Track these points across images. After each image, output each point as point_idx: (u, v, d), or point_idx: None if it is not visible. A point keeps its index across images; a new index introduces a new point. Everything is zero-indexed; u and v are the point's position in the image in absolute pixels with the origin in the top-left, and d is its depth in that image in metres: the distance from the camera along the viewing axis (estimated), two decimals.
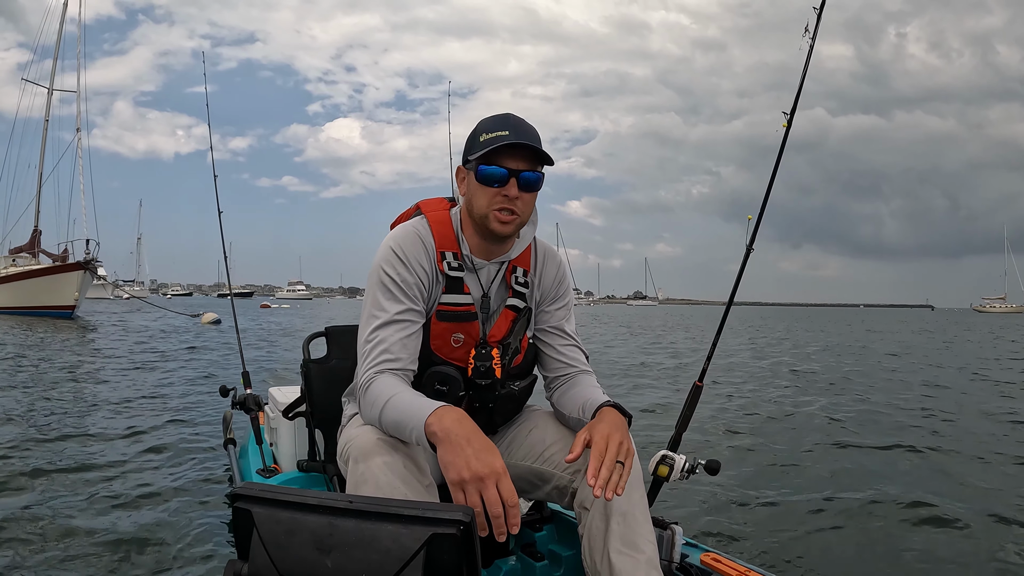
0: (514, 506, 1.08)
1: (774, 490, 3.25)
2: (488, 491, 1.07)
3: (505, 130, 1.32)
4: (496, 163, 1.32)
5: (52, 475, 3.23)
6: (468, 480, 1.08)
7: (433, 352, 1.40)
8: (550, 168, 1.37)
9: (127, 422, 4.62)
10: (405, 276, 1.35)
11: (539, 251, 1.51)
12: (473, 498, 1.07)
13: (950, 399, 6.40)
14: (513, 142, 1.30)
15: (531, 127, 1.35)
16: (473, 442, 1.11)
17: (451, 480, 1.09)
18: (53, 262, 23.72)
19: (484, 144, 1.32)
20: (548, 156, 1.34)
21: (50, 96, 26.08)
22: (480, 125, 1.37)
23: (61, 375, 7.24)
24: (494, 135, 1.32)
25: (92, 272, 21.42)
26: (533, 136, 1.33)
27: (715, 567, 1.49)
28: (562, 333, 1.51)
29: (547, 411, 1.53)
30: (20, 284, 22.29)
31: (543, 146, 1.34)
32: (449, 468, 1.10)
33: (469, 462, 1.08)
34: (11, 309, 22.27)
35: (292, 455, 2.07)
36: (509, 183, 1.32)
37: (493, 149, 1.30)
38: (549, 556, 1.67)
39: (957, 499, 3.11)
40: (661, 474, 1.64)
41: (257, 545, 0.95)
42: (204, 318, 19.32)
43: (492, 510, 1.07)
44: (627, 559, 1.25)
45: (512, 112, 1.39)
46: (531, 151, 1.32)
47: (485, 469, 1.08)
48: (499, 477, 1.08)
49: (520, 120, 1.36)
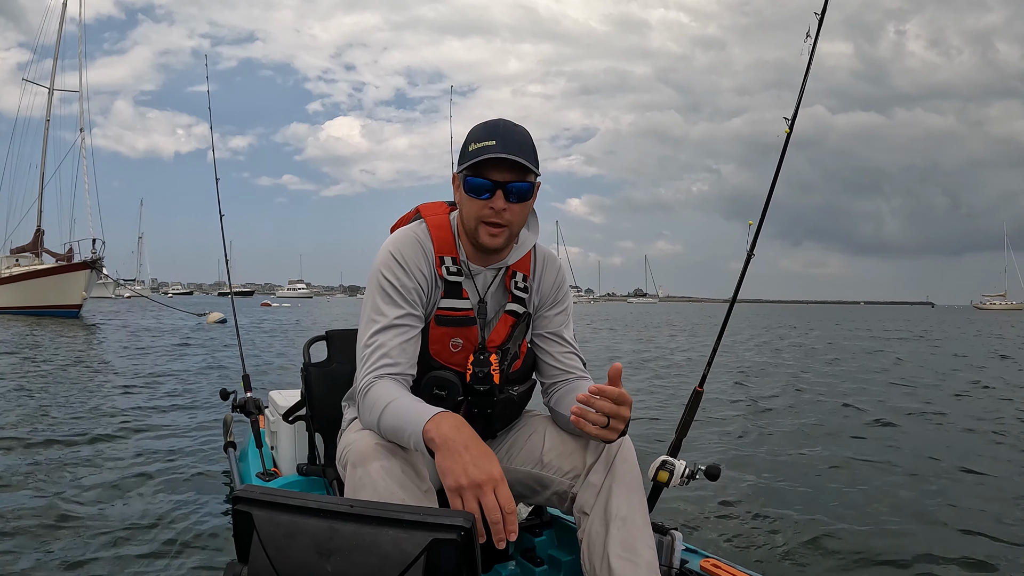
0: (511, 513, 1.08)
1: (774, 496, 3.24)
2: (486, 498, 1.07)
3: (492, 139, 1.28)
4: (482, 175, 1.30)
5: (51, 475, 3.23)
6: (466, 487, 1.08)
7: (432, 357, 1.40)
8: (550, 166, 1.37)
9: (127, 422, 4.62)
10: (404, 281, 1.35)
11: (539, 256, 1.51)
12: (471, 504, 1.07)
13: (949, 398, 6.40)
14: (497, 155, 1.27)
15: (521, 135, 1.32)
16: (471, 449, 1.11)
17: (448, 487, 1.09)
18: (56, 261, 23.80)
19: (472, 154, 1.30)
20: (535, 166, 1.31)
21: (51, 96, 26.19)
22: (471, 132, 1.35)
23: (61, 375, 7.24)
24: (481, 145, 1.28)
25: (98, 271, 21.53)
26: (522, 144, 1.30)
27: (715, 573, 1.49)
28: (560, 339, 1.50)
29: (546, 416, 1.53)
30: (26, 284, 22.38)
31: (539, 147, 1.33)
32: (447, 475, 1.09)
33: (467, 469, 1.08)
34: (17, 308, 22.35)
35: (292, 459, 2.07)
36: (496, 195, 1.30)
37: (481, 160, 1.28)
38: (549, 561, 1.67)
39: (958, 499, 3.10)
40: (661, 480, 1.64)
41: (257, 548, 0.95)
42: (210, 317, 19.42)
43: (490, 516, 1.07)
44: (627, 564, 1.25)
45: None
46: (518, 161, 1.29)
47: (483, 476, 1.08)
48: (497, 484, 1.08)
49: (511, 127, 1.32)
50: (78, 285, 21.13)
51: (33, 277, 22.37)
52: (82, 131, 24.58)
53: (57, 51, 26.23)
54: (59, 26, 26.27)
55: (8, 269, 24.02)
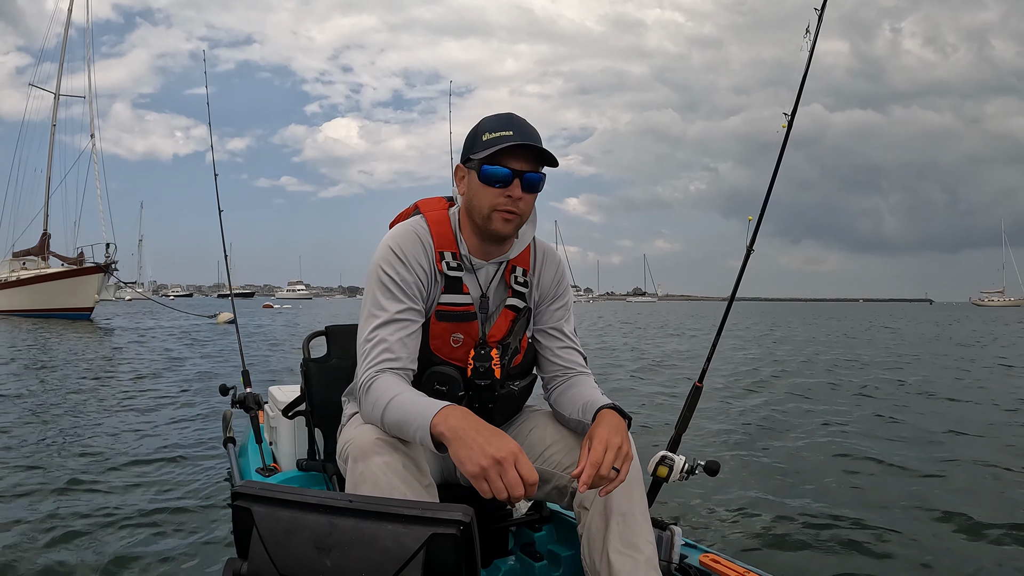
0: (534, 484, 1.08)
1: (773, 491, 3.24)
2: (508, 474, 1.07)
3: (509, 130, 1.31)
4: (500, 163, 1.31)
5: (50, 474, 3.24)
6: (488, 467, 1.07)
7: (432, 352, 1.40)
8: (547, 166, 1.37)
9: (128, 421, 4.62)
10: (404, 275, 1.35)
11: (538, 251, 1.51)
12: (497, 484, 1.07)
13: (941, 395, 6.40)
14: (518, 143, 1.30)
15: (533, 128, 1.35)
16: (482, 431, 1.11)
17: (471, 473, 1.08)
18: (63, 264, 24.00)
19: (488, 143, 1.32)
20: (553, 157, 1.34)
21: (57, 101, 26.23)
22: (482, 124, 1.37)
23: (65, 373, 7.24)
24: (498, 135, 1.31)
25: (110, 275, 21.73)
26: (536, 137, 1.33)
27: (714, 568, 1.49)
28: (560, 334, 1.50)
29: (547, 411, 1.53)
30: (38, 287, 22.59)
31: (544, 146, 1.34)
32: (466, 462, 1.09)
33: (485, 448, 1.08)
34: (28, 311, 22.50)
35: (292, 454, 2.07)
36: (513, 184, 1.32)
37: (497, 149, 1.30)
38: (548, 556, 1.67)
39: (960, 500, 3.11)
40: (660, 475, 1.64)
41: (256, 544, 0.95)
42: (220, 318, 19.70)
43: (514, 492, 1.07)
44: (626, 559, 1.25)
45: (512, 110, 1.39)
46: (534, 152, 1.32)
47: (503, 452, 1.08)
48: (516, 457, 1.09)
49: (523, 120, 1.35)
50: (91, 288, 21.38)
51: (45, 280, 22.62)
52: (93, 137, 24.77)
53: (63, 56, 26.29)
54: (64, 30, 26.28)
55: (15, 272, 24.14)
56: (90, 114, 24.98)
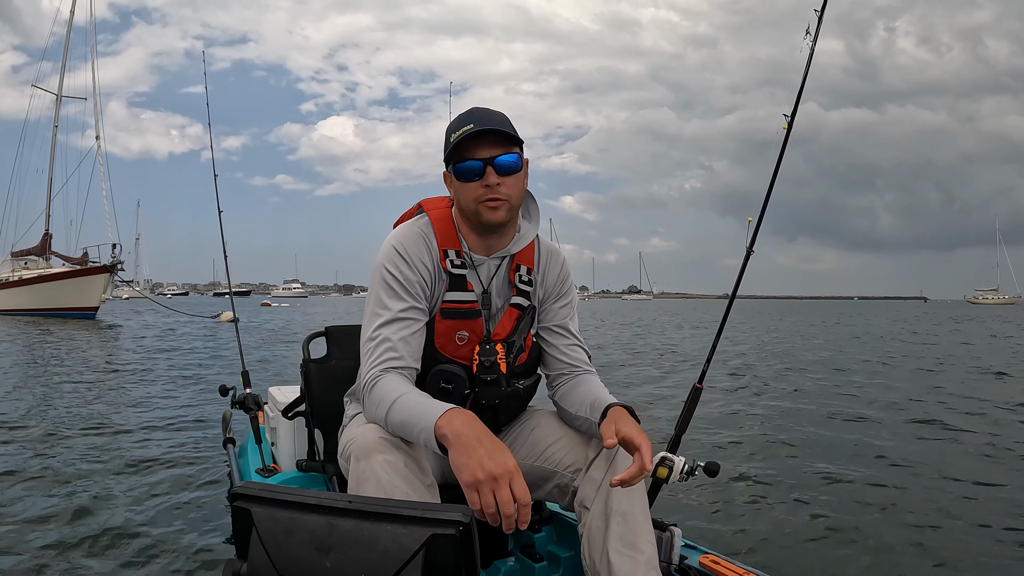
0: (527, 505, 1.08)
1: (774, 492, 3.24)
2: (502, 491, 1.07)
3: (470, 123, 1.34)
4: (468, 157, 1.33)
5: (50, 473, 3.23)
6: (483, 481, 1.07)
7: (438, 351, 1.40)
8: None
9: (128, 420, 4.62)
10: (408, 274, 1.35)
11: (542, 249, 1.52)
12: (487, 499, 1.07)
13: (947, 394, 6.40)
14: (478, 130, 1.31)
15: (497, 114, 1.37)
16: (484, 443, 1.11)
17: (465, 482, 1.08)
18: (64, 264, 24.01)
19: (454, 142, 1.34)
20: (515, 135, 1.35)
21: (59, 102, 26.21)
22: (449, 126, 1.40)
23: (65, 373, 7.24)
24: (460, 132, 1.34)
25: (115, 275, 21.77)
26: (498, 121, 1.35)
27: (714, 569, 1.49)
28: (566, 332, 1.51)
29: (550, 411, 1.53)
30: (44, 286, 22.57)
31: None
32: (462, 470, 1.09)
33: (482, 462, 1.08)
34: (33, 310, 22.48)
35: (291, 455, 2.06)
36: (487, 172, 1.33)
37: (464, 144, 1.33)
38: (548, 557, 1.67)
39: (961, 500, 3.11)
40: (660, 476, 1.64)
41: (256, 544, 0.95)
42: (223, 317, 19.72)
43: (505, 510, 1.06)
44: (626, 559, 1.25)
45: (505, 109, 1.40)
46: (500, 135, 1.34)
47: (499, 469, 1.08)
48: (512, 476, 1.08)
49: (484, 110, 1.38)
50: (97, 288, 21.42)
51: (51, 280, 22.61)
52: (98, 139, 24.78)
53: (65, 56, 26.26)
54: (67, 32, 26.25)
55: (16, 272, 24.12)
56: (95, 114, 25.02)
